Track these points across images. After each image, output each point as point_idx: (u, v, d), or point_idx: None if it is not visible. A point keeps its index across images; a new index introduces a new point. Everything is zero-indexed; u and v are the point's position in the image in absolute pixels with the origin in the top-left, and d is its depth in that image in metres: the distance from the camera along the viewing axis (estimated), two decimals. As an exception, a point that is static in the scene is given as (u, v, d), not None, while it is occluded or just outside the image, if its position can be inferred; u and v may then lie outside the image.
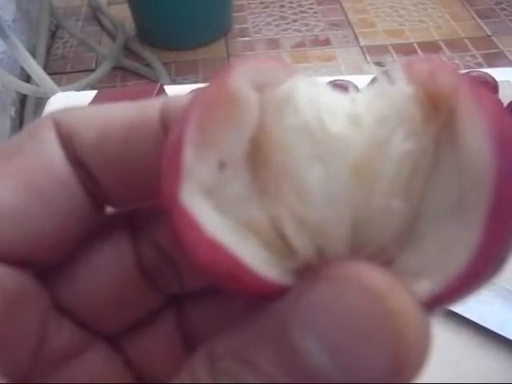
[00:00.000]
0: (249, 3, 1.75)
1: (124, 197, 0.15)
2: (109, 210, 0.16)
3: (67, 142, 0.14)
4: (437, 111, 0.12)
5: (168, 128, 0.14)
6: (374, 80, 0.13)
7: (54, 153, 0.14)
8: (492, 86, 0.47)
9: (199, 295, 0.17)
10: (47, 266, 0.15)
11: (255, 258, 0.12)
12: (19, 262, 0.14)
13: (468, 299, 0.11)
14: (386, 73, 0.13)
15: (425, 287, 0.11)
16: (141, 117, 0.15)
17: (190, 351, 0.13)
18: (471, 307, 0.34)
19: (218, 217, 0.12)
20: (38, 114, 1.31)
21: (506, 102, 0.45)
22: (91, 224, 0.15)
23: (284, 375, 0.11)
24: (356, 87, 0.21)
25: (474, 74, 0.48)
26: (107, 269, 0.16)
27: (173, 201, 0.11)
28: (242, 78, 0.12)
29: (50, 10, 1.47)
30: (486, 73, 0.48)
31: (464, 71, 0.49)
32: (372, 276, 0.11)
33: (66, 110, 0.15)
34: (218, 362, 0.12)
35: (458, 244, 0.11)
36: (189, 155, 0.11)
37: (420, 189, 0.12)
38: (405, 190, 0.12)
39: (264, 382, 0.11)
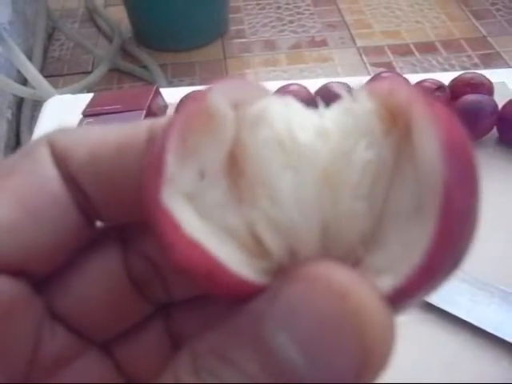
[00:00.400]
0: (245, 5, 1.75)
1: (115, 213, 0.16)
2: (99, 223, 0.17)
3: (61, 161, 0.15)
4: (395, 125, 0.13)
5: None
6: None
7: (48, 172, 0.15)
8: (487, 87, 0.47)
9: (187, 302, 0.17)
10: (42, 277, 0.15)
11: (232, 259, 0.12)
12: (14, 272, 0.14)
13: (461, 300, 0.11)
14: (351, 91, 0.14)
15: (387, 283, 0.12)
16: (130, 137, 0.15)
17: None
18: (467, 308, 0.34)
19: (197, 219, 0.13)
20: (34, 117, 1.31)
21: (501, 104, 0.45)
22: (83, 238, 0.16)
23: (263, 374, 0.11)
24: (350, 89, 0.21)
25: (470, 75, 0.48)
26: (99, 278, 0.16)
27: (155, 203, 0.12)
28: (219, 96, 0.13)
29: (46, 13, 1.47)
30: (481, 74, 0.48)
31: (460, 72, 0.49)
32: (337, 275, 0.11)
33: (60, 131, 0.16)
34: (200, 361, 0.12)
35: (416, 243, 0.12)
36: (170, 162, 0.12)
37: (382, 194, 0.13)
38: (368, 195, 0.13)
39: (245, 381, 0.11)
